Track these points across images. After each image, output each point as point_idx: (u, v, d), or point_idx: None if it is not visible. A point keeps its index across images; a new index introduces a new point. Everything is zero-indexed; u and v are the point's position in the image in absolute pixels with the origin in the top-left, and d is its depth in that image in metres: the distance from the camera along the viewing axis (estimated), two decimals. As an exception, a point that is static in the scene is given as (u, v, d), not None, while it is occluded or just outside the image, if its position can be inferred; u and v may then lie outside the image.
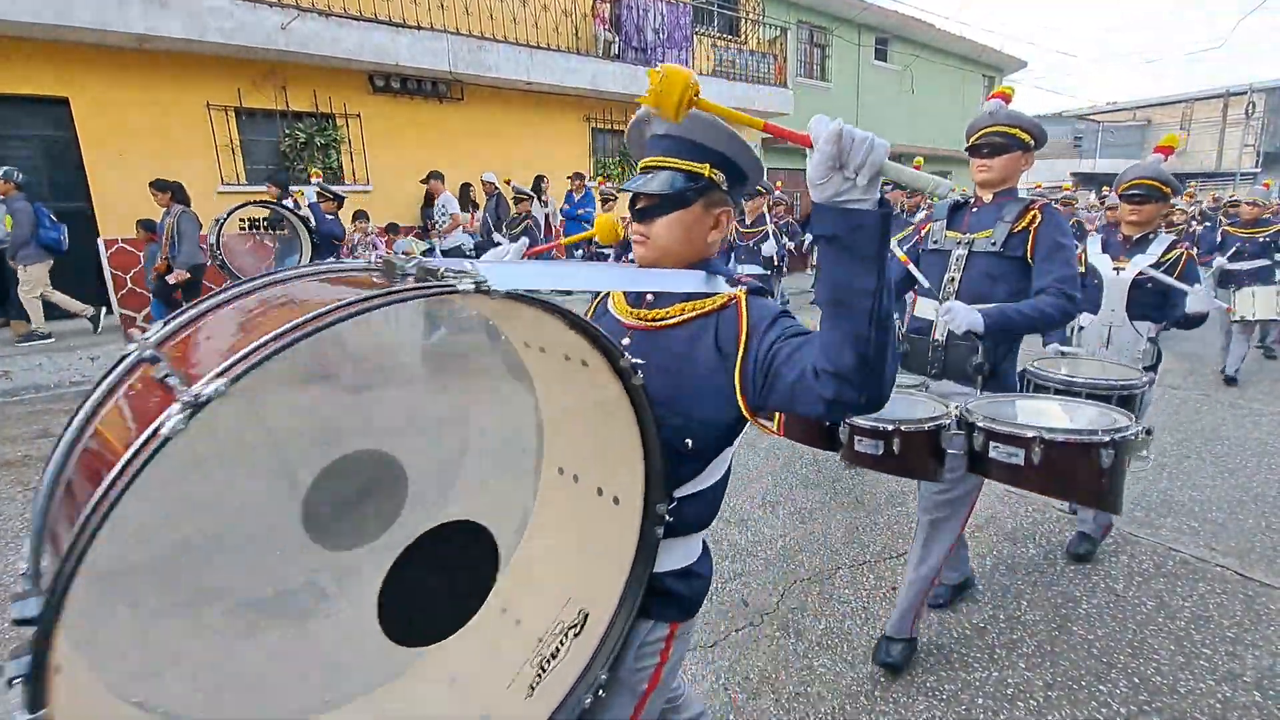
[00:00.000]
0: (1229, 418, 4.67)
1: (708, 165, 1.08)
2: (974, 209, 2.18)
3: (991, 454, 1.71)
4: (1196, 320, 2.76)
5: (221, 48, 6.82)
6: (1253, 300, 5.18)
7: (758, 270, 5.71)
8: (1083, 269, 2.83)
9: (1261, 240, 5.74)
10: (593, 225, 7.58)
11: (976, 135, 2.20)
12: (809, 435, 2.01)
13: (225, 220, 5.50)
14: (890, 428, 1.77)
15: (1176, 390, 5.31)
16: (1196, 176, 24.55)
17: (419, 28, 7.93)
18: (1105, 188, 10.22)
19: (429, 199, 8.62)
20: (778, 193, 7.80)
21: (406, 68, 8.03)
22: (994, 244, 2.06)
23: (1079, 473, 1.63)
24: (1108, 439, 1.60)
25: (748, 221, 5.81)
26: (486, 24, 8.64)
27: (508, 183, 8.24)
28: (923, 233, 2.30)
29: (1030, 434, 1.64)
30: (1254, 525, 3.09)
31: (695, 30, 11.43)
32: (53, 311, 6.27)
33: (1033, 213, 2.04)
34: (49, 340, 5.95)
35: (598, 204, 8.66)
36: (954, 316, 1.92)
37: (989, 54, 19.31)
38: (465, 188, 8.62)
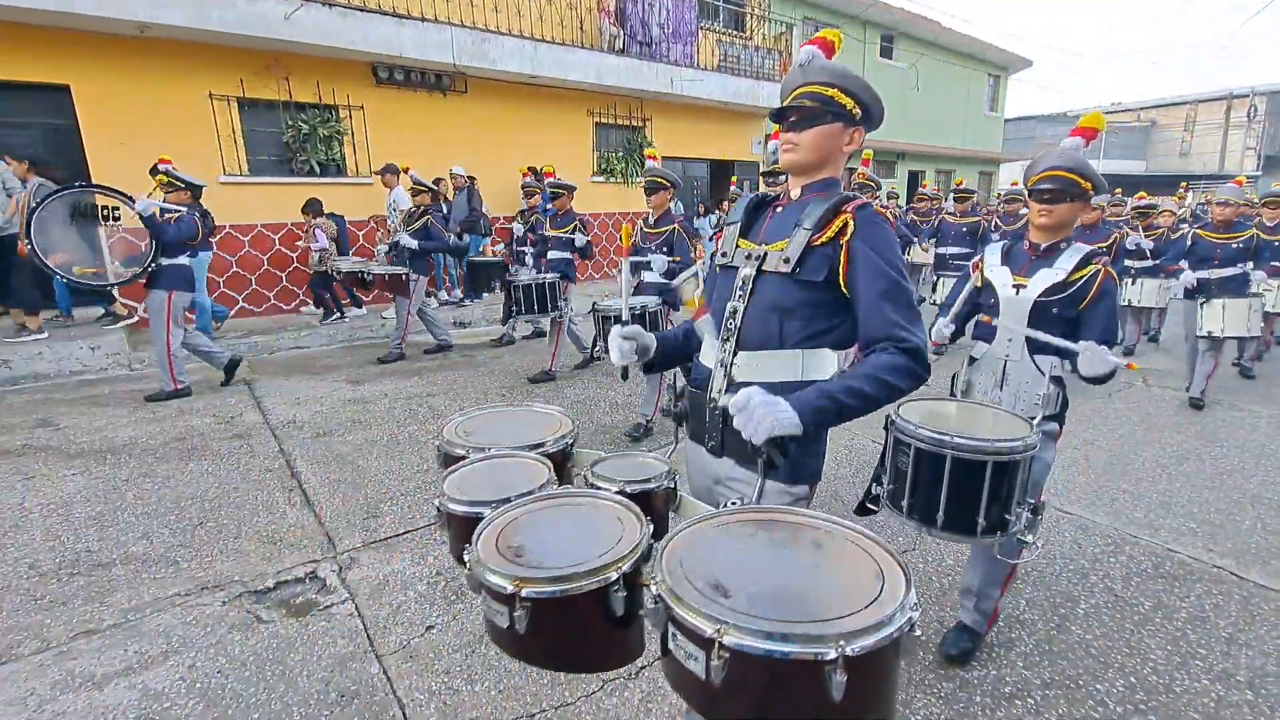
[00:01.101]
0: (1228, 419, 4.68)
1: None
2: (778, 206, 1.51)
3: (670, 646, 0.92)
4: (1098, 380, 1.99)
5: (224, 37, 6.79)
6: (1222, 314, 4.76)
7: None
8: (978, 284, 2.28)
9: (1236, 246, 5.07)
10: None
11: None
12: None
13: (47, 201, 4.71)
14: (510, 588, 0.96)
15: (1176, 392, 5.32)
16: (1199, 178, 24.50)
17: (423, 19, 7.89)
18: (1117, 190, 10.18)
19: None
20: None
21: (410, 60, 7.99)
22: (786, 260, 1.37)
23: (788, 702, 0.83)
24: (838, 654, 0.79)
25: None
26: (491, 16, 8.60)
27: (531, 172, 8.04)
28: (718, 241, 1.61)
29: (709, 631, 0.83)
30: (1250, 526, 3.10)
31: (700, 25, 11.40)
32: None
33: (844, 217, 1.34)
34: (44, 336, 5.83)
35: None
36: (750, 417, 1.17)
37: (994, 52, 19.25)
38: (470, 181, 8.60)
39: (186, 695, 2.03)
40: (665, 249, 4.43)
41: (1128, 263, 6.37)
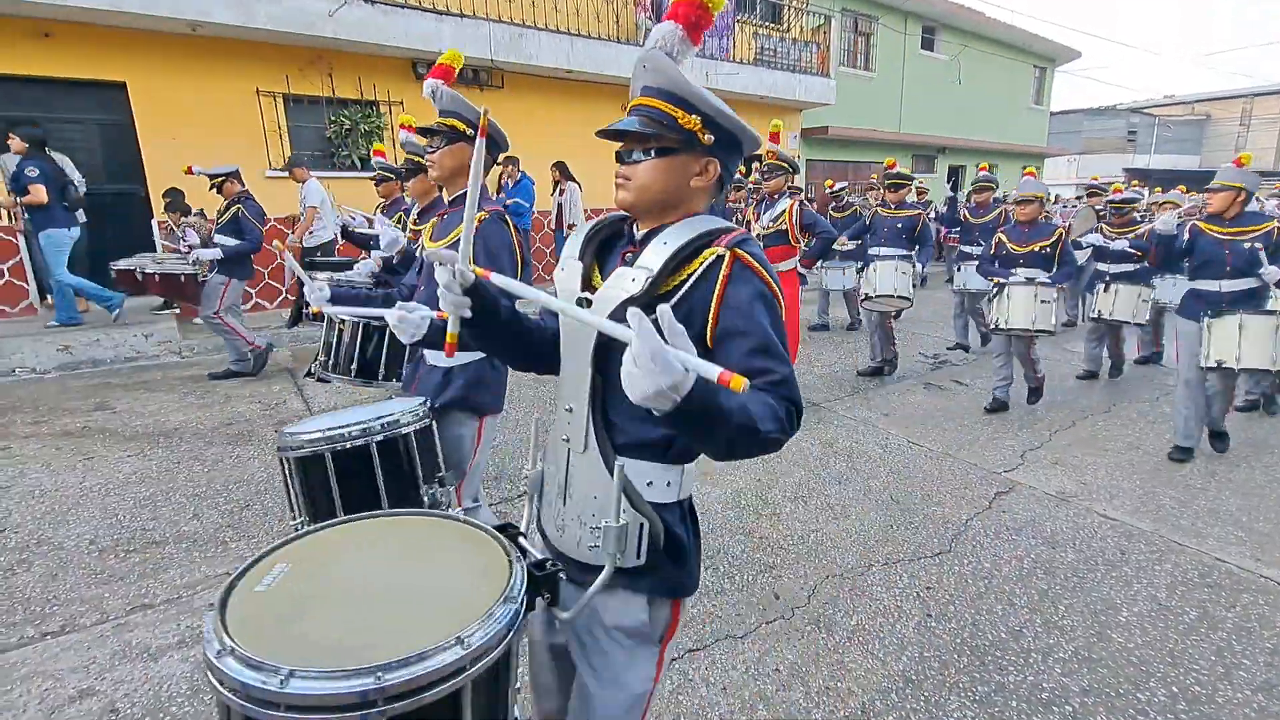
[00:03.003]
0: (1279, 426, 4.49)
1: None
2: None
3: None
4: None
5: (270, 34, 6.98)
6: (1239, 336, 3.53)
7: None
8: None
9: (1247, 245, 3.70)
10: (528, 218, 7.26)
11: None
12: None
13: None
14: None
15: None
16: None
17: (461, 15, 7.99)
18: (1158, 188, 9.80)
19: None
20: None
21: (448, 55, 8.10)
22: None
23: None
24: None
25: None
26: (528, 11, 8.66)
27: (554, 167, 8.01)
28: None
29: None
30: (1308, 539, 2.98)
31: (737, 18, 11.30)
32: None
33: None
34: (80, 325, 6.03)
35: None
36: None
37: (1040, 43, 18.64)
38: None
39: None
40: None
41: (1100, 266, 5.52)
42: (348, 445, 1.67)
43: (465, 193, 1.72)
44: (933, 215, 7.24)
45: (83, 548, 2.84)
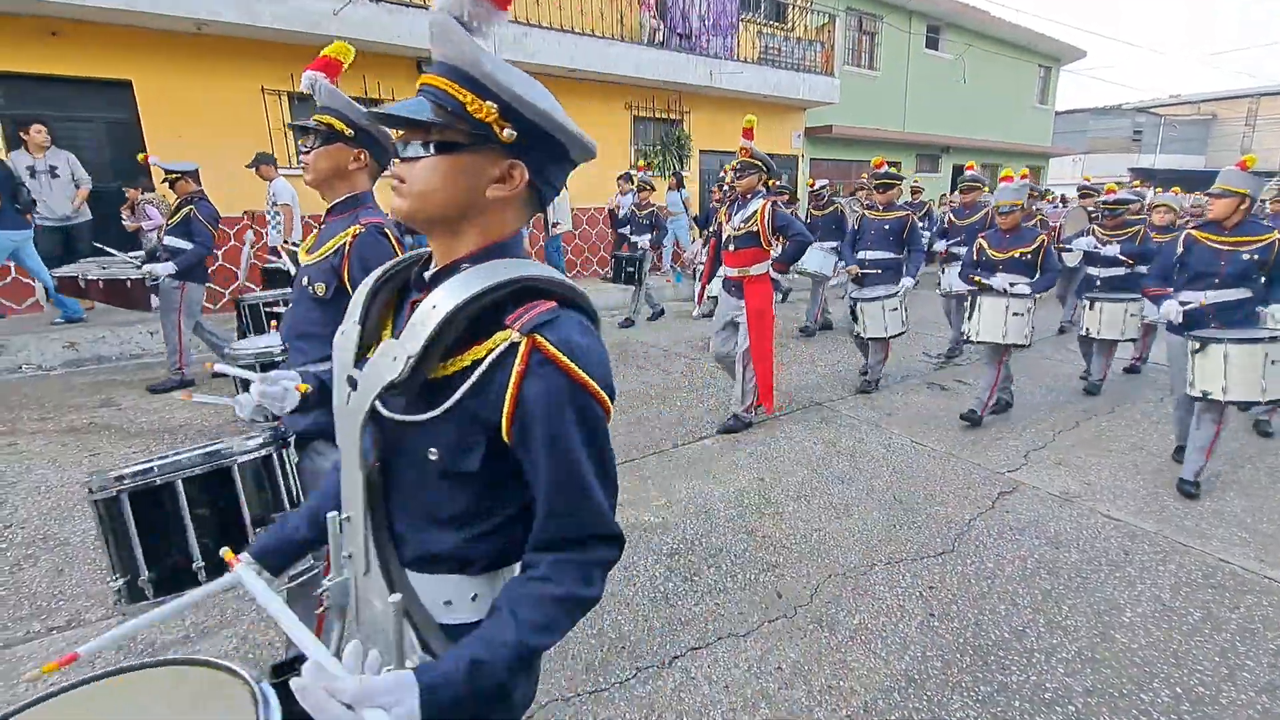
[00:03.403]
0: (1290, 428, 4.47)
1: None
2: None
3: None
4: None
5: (275, 33, 6.99)
6: (1224, 367, 3.19)
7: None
8: None
9: (1248, 257, 3.36)
10: None
11: None
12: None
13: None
14: None
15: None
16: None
17: (465, 13, 7.99)
18: (1158, 188, 9.66)
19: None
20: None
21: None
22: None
23: None
24: None
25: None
26: (532, 10, 8.66)
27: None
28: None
29: None
30: (1313, 540, 2.97)
31: (741, 16, 11.28)
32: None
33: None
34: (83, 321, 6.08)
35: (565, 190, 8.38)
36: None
37: (1046, 43, 18.58)
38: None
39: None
40: None
41: (1091, 271, 5.21)
42: (145, 483, 1.33)
43: (342, 201, 1.76)
44: (924, 219, 6.98)
45: (88, 543, 2.86)
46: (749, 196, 4.12)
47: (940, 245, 6.60)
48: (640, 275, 7.46)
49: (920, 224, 5.90)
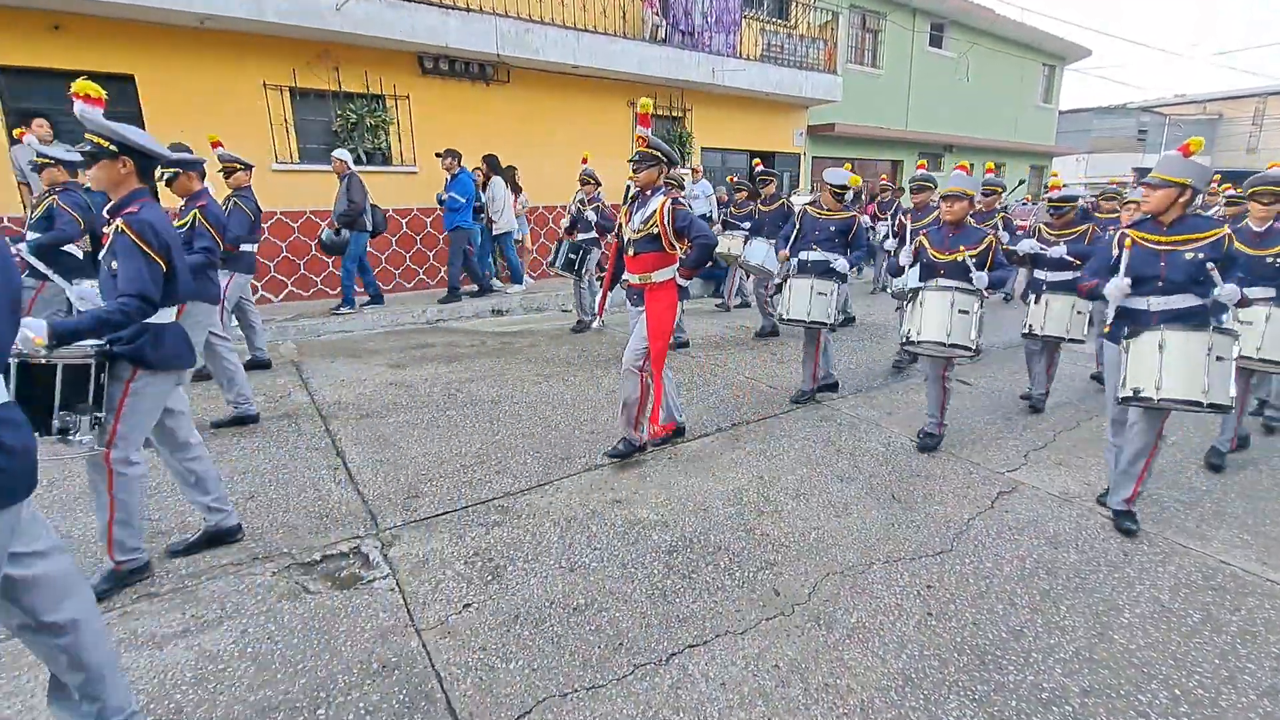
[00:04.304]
0: (1292, 430, 4.45)
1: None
2: None
3: None
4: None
5: (278, 28, 6.99)
6: (1159, 361, 2.76)
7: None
8: None
9: (1190, 257, 2.88)
10: (468, 215, 7.11)
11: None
12: None
13: None
14: None
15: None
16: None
17: (468, 9, 7.99)
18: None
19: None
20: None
21: (455, 49, 8.10)
22: None
23: None
24: None
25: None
26: (534, 6, 8.65)
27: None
28: None
29: None
30: (1313, 542, 2.96)
31: (744, 14, 11.25)
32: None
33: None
34: None
35: (481, 187, 8.05)
36: None
37: (1050, 41, 18.52)
38: (510, 170, 8.67)
39: (239, 658, 2.14)
40: None
41: (1038, 274, 4.69)
42: (36, 360, 2.11)
43: (123, 199, 2.35)
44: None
45: (90, 537, 2.87)
46: (649, 193, 3.60)
47: (891, 246, 6.04)
48: (581, 267, 6.74)
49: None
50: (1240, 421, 3.86)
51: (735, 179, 8.13)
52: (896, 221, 6.49)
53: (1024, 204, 12.02)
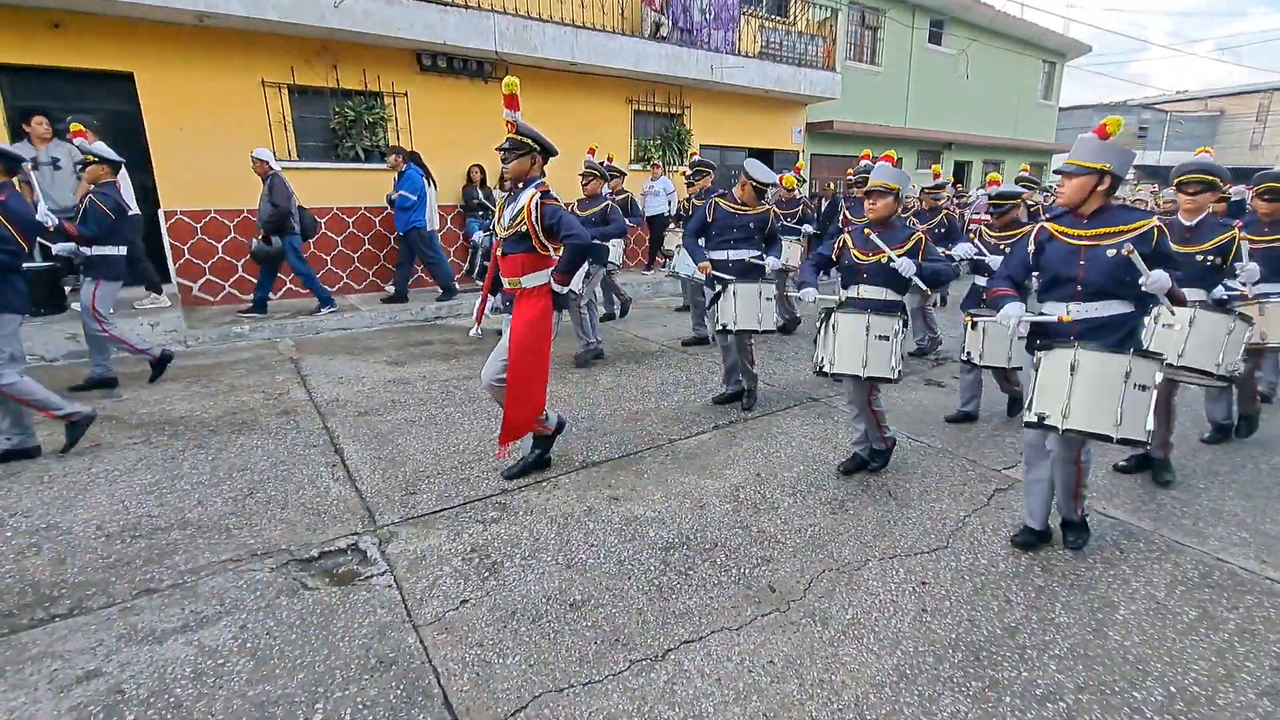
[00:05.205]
0: (1290, 427, 4.46)
1: None
2: None
3: None
4: None
5: (276, 25, 6.98)
6: (1069, 382, 2.45)
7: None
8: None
9: (1110, 254, 2.51)
10: (422, 213, 7.18)
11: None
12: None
13: None
14: None
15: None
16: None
17: (466, 6, 7.97)
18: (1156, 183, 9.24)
19: (470, 178, 8.72)
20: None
21: (453, 47, 8.09)
22: None
23: None
24: None
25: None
26: (533, 3, 8.63)
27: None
28: None
29: None
30: (1310, 539, 2.97)
31: (743, 10, 11.23)
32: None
33: None
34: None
35: (432, 189, 7.81)
36: None
37: (1050, 37, 18.47)
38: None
39: (238, 654, 2.15)
40: None
41: (979, 281, 4.26)
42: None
43: None
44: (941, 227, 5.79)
45: (90, 533, 2.88)
46: (521, 186, 3.21)
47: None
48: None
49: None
50: (1169, 438, 3.54)
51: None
52: (842, 215, 6.28)
53: (978, 198, 10.89)
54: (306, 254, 7.21)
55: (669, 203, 9.95)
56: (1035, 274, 2.76)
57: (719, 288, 4.30)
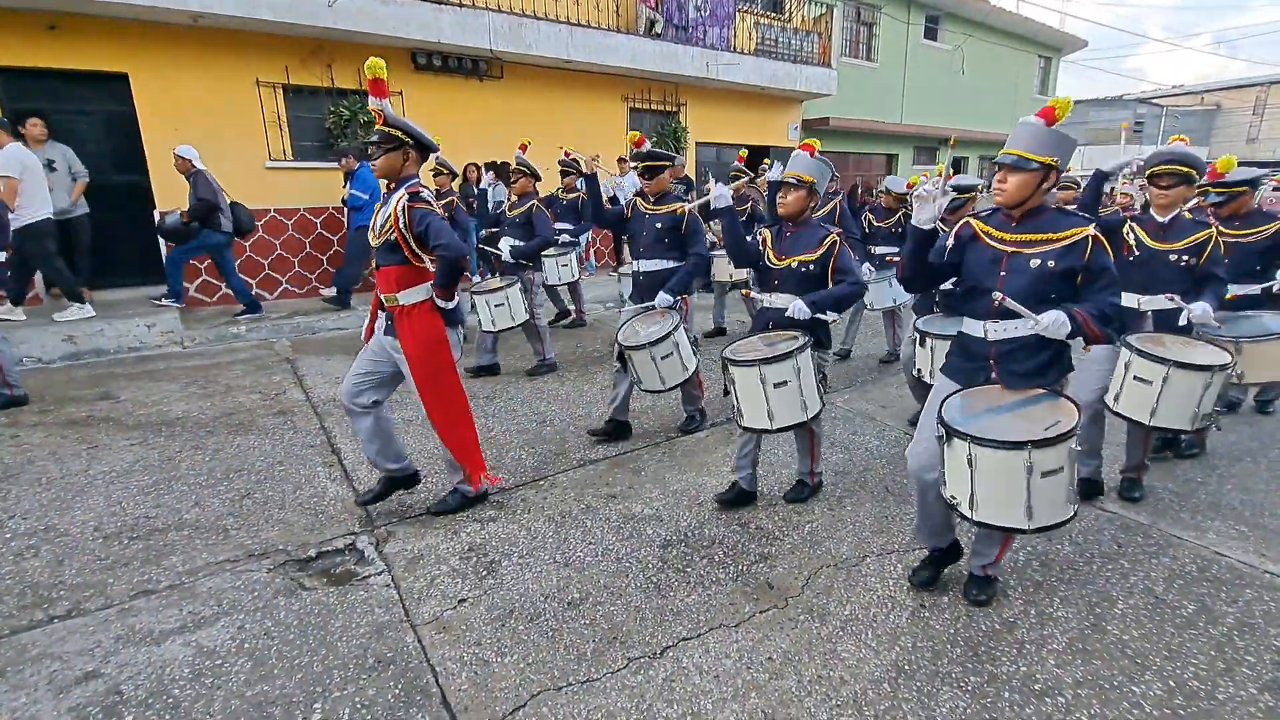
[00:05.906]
0: (1287, 420, 4.46)
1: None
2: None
3: None
4: None
5: (271, 25, 6.95)
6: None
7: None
8: None
9: (1037, 261, 2.19)
10: (369, 214, 5.29)
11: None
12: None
13: None
14: None
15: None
16: (1269, 165, 23.23)
17: (461, 5, 7.95)
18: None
19: (466, 177, 8.71)
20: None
21: (448, 45, 8.07)
22: None
23: None
24: None
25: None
26: (527, 1, 8.61)
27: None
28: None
29: None
30: (1307, 532, 2.97)
31: (739, 7, 11.21)
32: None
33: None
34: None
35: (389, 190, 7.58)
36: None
37: (1047, 33, 18.46)
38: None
39: (236, 654, 2.15)
40: None
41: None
42: None
43: None
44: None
45: (88, 534, 2.87)
46: (394, 186, 2.84)
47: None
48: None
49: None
50: (1145, 457, 3.32)
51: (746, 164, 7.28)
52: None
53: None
54: (273, 254, 7.31)
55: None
56: (953, 280, 2.42)
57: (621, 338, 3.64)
